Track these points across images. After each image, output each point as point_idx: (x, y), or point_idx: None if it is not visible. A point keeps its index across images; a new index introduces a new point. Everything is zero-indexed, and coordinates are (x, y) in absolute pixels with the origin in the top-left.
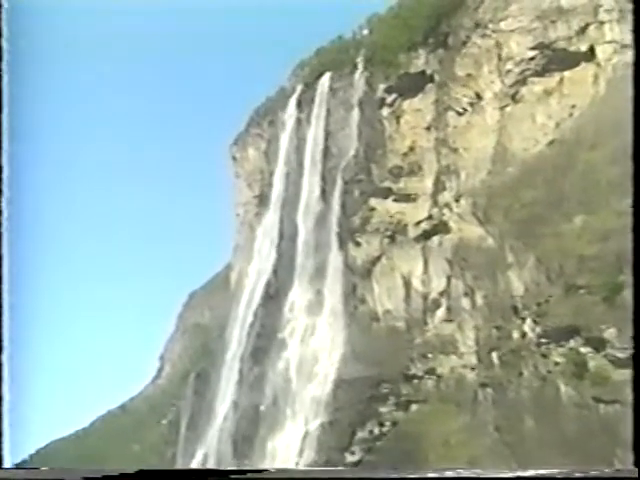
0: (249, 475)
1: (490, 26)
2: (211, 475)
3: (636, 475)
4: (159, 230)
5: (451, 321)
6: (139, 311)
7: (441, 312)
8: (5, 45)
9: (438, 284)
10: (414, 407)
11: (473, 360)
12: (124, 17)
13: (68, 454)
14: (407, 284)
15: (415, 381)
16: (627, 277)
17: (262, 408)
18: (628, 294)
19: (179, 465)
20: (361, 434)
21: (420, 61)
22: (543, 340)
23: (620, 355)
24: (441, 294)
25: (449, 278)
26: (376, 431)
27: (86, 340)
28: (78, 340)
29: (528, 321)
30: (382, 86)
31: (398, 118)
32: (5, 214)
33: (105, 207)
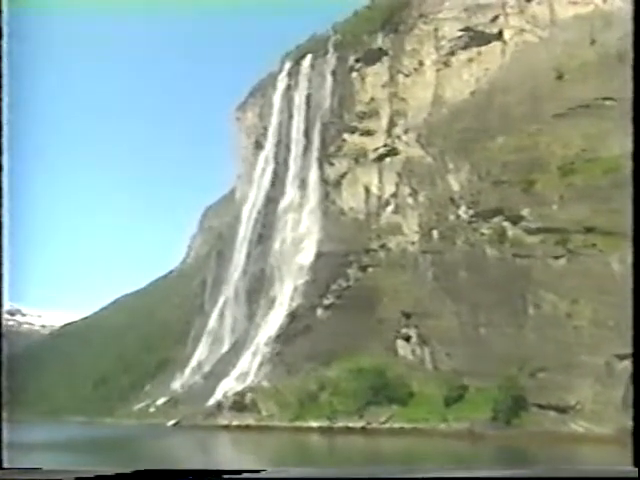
0: (244, 475)
1: (430, 16)
2: (206, 475)
3: (636, 475)
4: (181, 169)
5: (398, 213)
6: (170, 220)
7: (391, 208)
8: None
9: (389, 189)
10: (371, 269)
11: (415, 238)
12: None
13: (133, 304)
14: (367, 190)
15: (372, 253)
16: (538, 175)
17: (265, 271)
18: (539, 186)
19: (206, 308)
20: (333, 287)
21: (379, 41)
22: (474, 219)
23: (532, 226)
24: (391, 195)
25: (397, 185)
26: (344, 284)
27: (133, 236)
28: (131, 236)
29: (463, 207)
30: (352, 57)
31: (363, 79)
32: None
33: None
